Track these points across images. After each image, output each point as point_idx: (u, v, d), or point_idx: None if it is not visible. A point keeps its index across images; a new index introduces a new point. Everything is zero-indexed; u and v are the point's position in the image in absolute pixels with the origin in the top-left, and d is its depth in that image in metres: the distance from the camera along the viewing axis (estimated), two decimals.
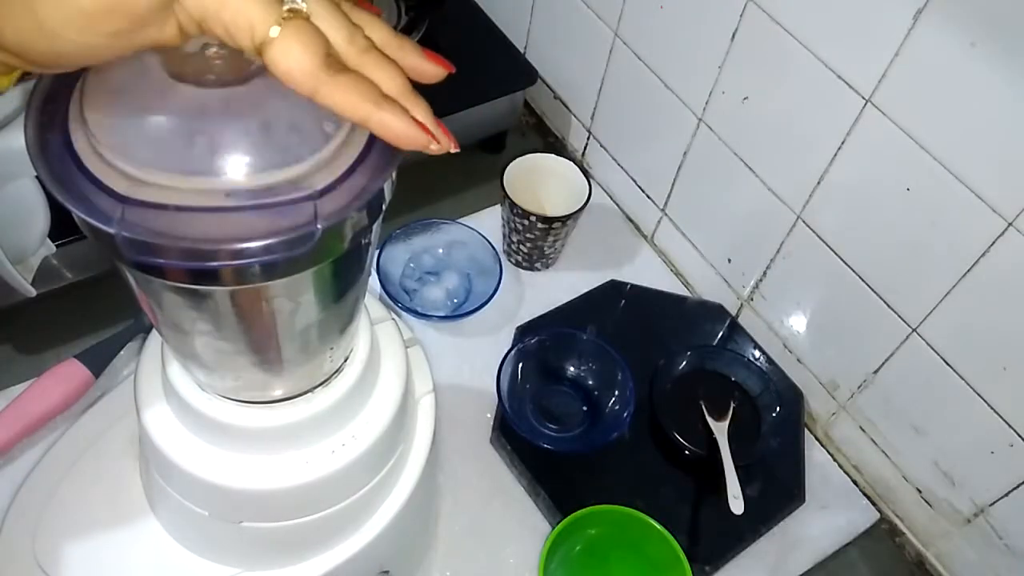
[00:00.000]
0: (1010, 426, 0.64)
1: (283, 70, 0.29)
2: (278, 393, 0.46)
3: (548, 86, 1.02)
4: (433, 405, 0.59)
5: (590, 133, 0.99)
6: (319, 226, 0.32)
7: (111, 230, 0.30)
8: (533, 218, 0.82)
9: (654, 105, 0.86)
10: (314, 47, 0.29)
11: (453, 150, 0.33)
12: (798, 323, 0.81)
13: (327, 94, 0.30)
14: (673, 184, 0.88)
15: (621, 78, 0.90)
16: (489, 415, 0.78)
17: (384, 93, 0.31)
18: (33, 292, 0.65)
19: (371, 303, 0.53)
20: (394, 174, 0.35)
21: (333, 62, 0.30)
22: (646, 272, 0.92)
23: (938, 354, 0.67)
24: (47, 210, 0.64)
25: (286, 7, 0.29)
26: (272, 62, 0.29)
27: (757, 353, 0.84)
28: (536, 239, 0.85)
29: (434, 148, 0.32)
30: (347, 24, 0.31)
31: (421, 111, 0.32)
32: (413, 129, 0.31)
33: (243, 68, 0.32)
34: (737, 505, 0.69)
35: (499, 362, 0.75)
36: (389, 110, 0.31)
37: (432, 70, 0.34)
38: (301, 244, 0.32)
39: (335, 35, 0.30)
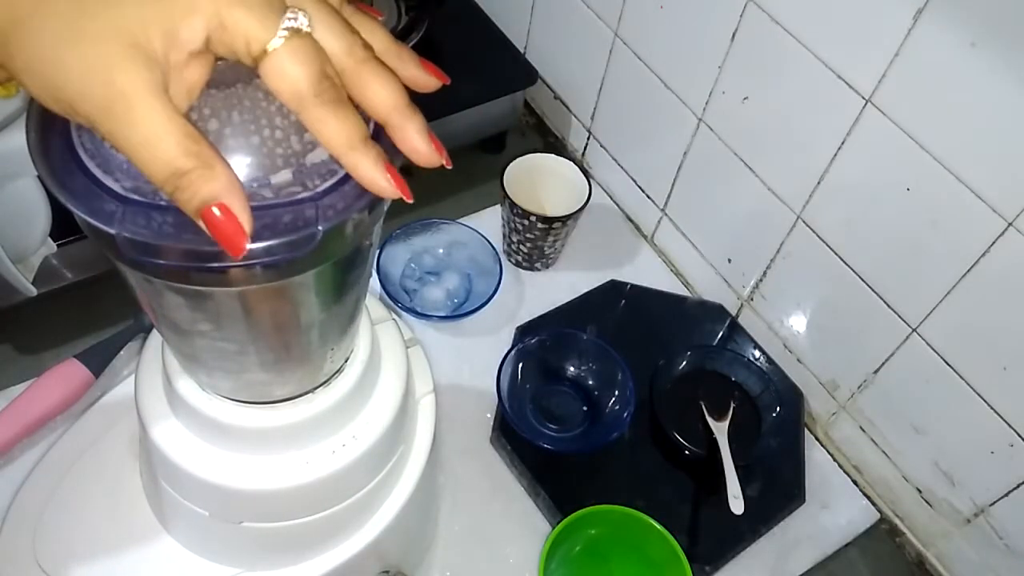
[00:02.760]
0: (1010, 426, 0.64)
1: (274, 87, 0.29)
2: (279, 393, 0.46)
3: (548, 86, 1.02)
4: (433, 405, 0.59)
5: (590, 133, 0.99)
6: (320, 227, 0.32)
7: (112, 230, 0.30)
8: (533, 218, 0.82)
9: (654, 105, 0.86)
10: (308, 67, 0.29)
11: (446, 166, 0.33)
12: (798, 323, 0.81)
13: (310, 119, 0.30)
14: (673, 184, 0.88)
15: (621, 78, 0.90)
16: (489, 415, 0.78)
17: (365, 136, 0.30)
18: (34, 291, 0.66)
19: (371, 303, 0.53)
20: None
21: (326, 87, 0.29)
22: (646, 272, 0.92)
23: (938, 354, 0.67)
24: (48, 210, 0.64)
25: (285, 24, 0.28)
26: (265, 76, 0.29)
27: (757, 353, 0.84)
28: (536, 239, 0.85)
29: (406, 200, 0.32)
30: (347, 34, 0.31)
31: (416, 126, 0.32)
32: (382, 180, 0.31)
33: (244, 70, 0.32)
34: (737, 505, 0.69)
35: (499, 362, 0.75)
36: (363, 155, 0.30)
37: (428, 80, 0.34)
38: (303, 245, 0.32)
39: (334, 44, 0.30)
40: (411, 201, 0.32)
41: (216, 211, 0.28)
